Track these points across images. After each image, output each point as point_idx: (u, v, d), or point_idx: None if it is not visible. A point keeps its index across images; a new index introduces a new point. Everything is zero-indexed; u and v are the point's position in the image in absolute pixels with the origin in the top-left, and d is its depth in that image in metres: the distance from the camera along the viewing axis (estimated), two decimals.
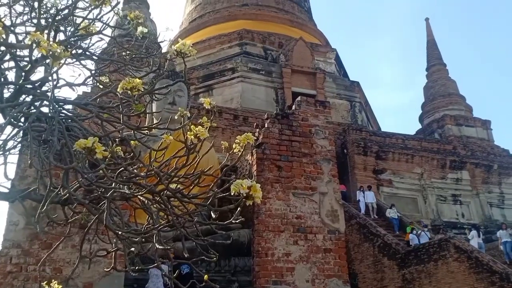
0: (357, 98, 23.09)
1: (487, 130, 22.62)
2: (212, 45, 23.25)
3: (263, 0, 25.15)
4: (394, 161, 19.10)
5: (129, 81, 2.41)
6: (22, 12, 3.76)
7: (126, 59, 4.56)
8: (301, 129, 8.71)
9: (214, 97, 20.39)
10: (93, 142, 1.81)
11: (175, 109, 6.46)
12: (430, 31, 25.85)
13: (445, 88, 24.21)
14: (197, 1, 26.12)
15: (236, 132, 16.61)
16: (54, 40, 3.10)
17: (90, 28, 3.05)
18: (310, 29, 25.95)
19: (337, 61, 25.17)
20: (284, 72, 21.81)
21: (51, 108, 2.29)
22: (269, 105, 20.62)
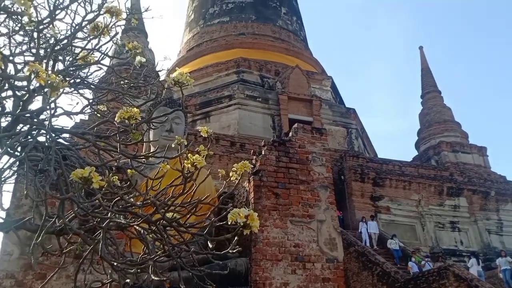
0: (353, 124, 23.23)
1: (483, 157, 22.69)
2: (210, 73, 23.50)
3: (260, 29, 25.57)
4: (391, 187, 19.07)
5: (126, 110, 2.42)
6: (21, 42, 3.81)
7: (124, 88, 4.60)
8: (298, 156, 8.72)
9: (212, 124, 20.47)
10: (89, 172, 1.81)
11: (173, 136, 6.46)
12: (424, 59, 26.25)
13: (440, 115, 24.42)
14: (195, 30, 26.54)
15: (233, 159, 16.60)
16: (53, 70, 3.13)
17: (88, 58, 3.09)
18: (306, 57, 26.31)
19: (333, 89, 25.43)
20: (280, 99, 21.99)
21: (48, 138, 2.29)
22: (266, 131, 20.70)
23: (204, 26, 26.43)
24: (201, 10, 27.05)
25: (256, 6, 26.17)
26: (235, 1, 26.54)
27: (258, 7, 26.16)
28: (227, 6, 26.55)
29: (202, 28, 26.30)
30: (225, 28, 25.75)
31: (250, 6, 26.37)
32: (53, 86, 1.84)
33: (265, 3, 26.64)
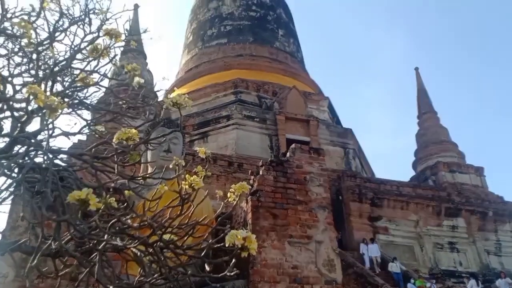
0: (351, 144, 23.27)
1: (481, 177, 22.69)
2: (208, 93, 23.62)
3: (257, 51, 25.82)
4: (389, 208, 18.99)
5: (125, 132, 2.43)
6: (20, 63, 3.83)
7: (122, 108, 4.61)
8: (296, 176, 8.71)
9: (209, 144, 20.47)
10: (86, 193, 1.80)
11: (170, 156, 6.47)
12: (420, 80, 26.50)
13: (437, 135, 24.51)
14: (193, 52, 26.79)
15: (231, 179, 16.54)
16: (51, 91, 3.14)
17: (87, 79, 3.11)
18: (303, 78, 26.52)
19: (330, 109, 25.57)
20: (278, 119, 22.07)
21: (45, 159, 2.29)
22: (263, 151, 20.70)
23: (203, 47, 26.68)
24: (199, 32, 27.33)
25: (254, 29, 26.47)
26: (233, 23, 26.84)
27: (256, 29, 26.47)
28: (225, 28, 26.84)
29: (201, 50, 26.55)
30: (223, 50, 25.99)
31: (248, 29, 26.67)
32: (51, 108, 1.85)
33: (262, 25, 26.97)
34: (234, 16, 26.72)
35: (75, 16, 4.10)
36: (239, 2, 27.16)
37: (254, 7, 27.25)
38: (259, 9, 27.29)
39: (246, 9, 26.86)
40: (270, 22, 26.77)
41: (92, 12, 3.88)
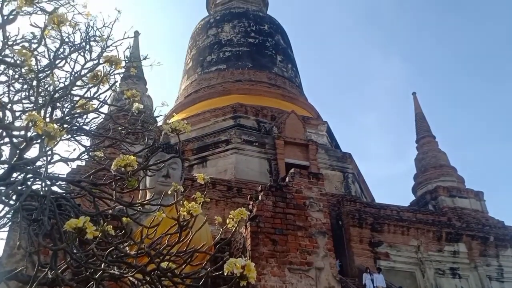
0: (350, 169, 23.22)
1: (481, 201, 22.59)
2: (207, 118, 23.70)
3: (256, 76, 26.06)
4: (389, 233, 18.82)
5: (123, 158, 2.42)
6: (20, 89, 3.85)
7: (122, 134, 4.62)
8: (295, 201, 8.66)
9: (208, 169, 20.41)
10: (84, 222, 1.78)
11: (169, 182, 6.45)
12: (418, 105, 26.67)
13: (436, 159, 24.50)
14: (192, 77, 27.02)
15: (230, 204, 16.44)
16: (51, 117, 3.15)
17: (87, 106, 3.12)
18: (302, 103, 26.68)
19: (328, 133, 25.63)
20: (277, 143, 22.08)
21: (43, 186, 2.28)
22: (263, 176, 20.63)
23: (202, 73, 26.94)
24: (199, 58, 27.63)
25: (252, 54, 26.78)
26: (232, 49, 27.16)
27: (254, 55, 26.77)
28: (224, 54, 27.14)
29: (200, 75, 26.80)
30: (222, 75, 26.24)
31: (247, 54, 26.98)
32: (50, 135, 1.85)
33: (261, 51, 27.28)
34: (233, 43, 27.05)
35: (76, 43, 4.15)
36: (237, 29, 27.54)
37: (252, 34, 27.61)
38: (257, 35, 27.65)
39: (244, 35, 27.21)
40: (269, 48, 27.10)
41: (93, 39, 3.92)
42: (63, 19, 2.51)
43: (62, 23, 2.46)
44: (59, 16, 2.47)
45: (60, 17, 2.47)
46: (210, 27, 27.35)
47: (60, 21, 2.47)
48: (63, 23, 2.46)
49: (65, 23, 2.52)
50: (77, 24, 4.22)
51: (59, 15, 2.45)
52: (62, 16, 2.50)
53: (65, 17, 2.53)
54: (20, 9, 2.49)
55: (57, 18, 2.44)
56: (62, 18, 2.50)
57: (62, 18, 2.50)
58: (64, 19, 2.52)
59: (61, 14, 2.46)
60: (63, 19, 2.51)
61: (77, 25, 4.20)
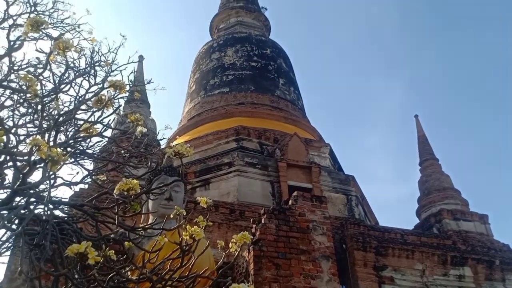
0: (353, 191, 23.09)
1: (485, 225, 22.35)
2: (210, 141, 23.75)
3: (258, 99, 26.23)
4: (394, 257, 18.58)
5: (126, 183, 2.42)
6: (25, 113, 3.89)
7: (125, 157, 4.63)
8: (299, 225, 8.60)
9: (211, 191, 20.34)
10: (85, 247, 1.78)
11: (172, 205, 6.43)
12: (420, 127, 26.69)
13: (439, 182, 24.37)
14: (196, 101, 27.22)
15: (233, 227, 16.31)
16: (55, 141, 3.17)
17: (90, 130, 3.14)
18: (304, 125, 26.76)
19: (331, 156, 25.60)
20: (280, 166, 22.04)
21: (46, 211, 2.28)
22: (265, 198, 20.53)
23: (205, 96, 27.16)
24: (202, 82, 27.91)
25: (255, 78, 27.03)
26: (235, 73, 27.45)
27: (257, 78, 27.02)
28: (227, 77, 27.41)
29: (203, 98, 27.01)
30: (225, 98, 26.43)
31: (249, 78, 27.25)
32: (53, 160, 1.86)
33: (263, 75, 27.55)
34: (236, 66, 27.34)
35: (80, 68, 4.20)
36: (240, 53, 27.87)
37: (255, 58, 27.91)
38: (260, 59, 27.96)
39: (247, 59, 27.51)
40: (271, 72, 27.35)
41: (97, 64, 3.98)
42: (68, 45, 2.55)
43: (68, 48, 2.50)
44: (65, 42, 2.51)
45: (65, 43, 2.51)
46: (213, 51, 27.70)
47: (65, 47, 2.51)
48: (68, 49, 2.50)
49: (71, 49, 2.56)
50: (83, 50, 4.30)
51: (64, 41, 2.49)
52: (68, 42, 2.54)
53: (70, 43, 2.57)
54: (26, 35, 2.53)
55: (63, 44, 2.48)
56: (68, 44, 2.54)
57: (68, 44, 2.54)
58: (69, 45, 2.56)
59: (66, 40, 2.50)
60: (68, 45, 2.55)
61: (82, 50, 4.27)
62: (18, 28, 4.14)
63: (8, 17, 4.42)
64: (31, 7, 4.75)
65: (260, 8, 31.16)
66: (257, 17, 30.56)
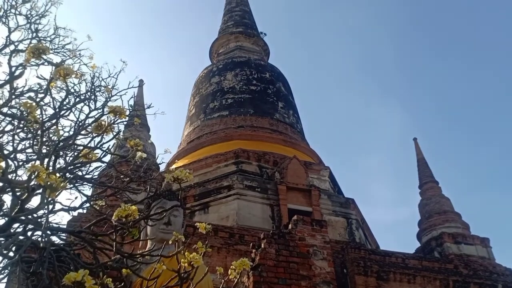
0: (353, 215, 22.94)
1: (487, 248, 22.14)
2: (209, 164, 23.72)
3: (258, 122, 26.33)
4: (395, 281, 18.34)
5: (124, 209, 2.41)
6: (24, 138, 3.90)
7: (124, 181, 4.62)
8: (299, 250, 8.52)
9: (210, 215, 20.21)
10: (82, 275, 1.75)
11: (170, 229, 6.37)
12: (419, 150, 26.71)
13: (439, 205, 24.26)
14: (195, 124, 27.33)
15: (232, 251, 16.14)
16: (54, 167, 3.17)
17: (90, 155, 3.14)
18: (303, 148, 26.77)
19: (331, 179, 25.53)
20: (279, 189, 21.96)
21: (43, 238, 2.26)
22: (265, 222, 20.38)
23: (205, 119, 27.28)
24: (202, 105, 28.09)
25: (254, 101, 27.21)
26: (234, 96, 27.67)
27: (256, 102, 27.19)
28: (227, 101, 27.61)
29: (203, 122, 27.12)
30: (224, 121, 26.53)
31: (249, 101, 27.43)
32: (52, 187, 1.85)
33: (262, 98, 27.74)
34: (235, 90, 27.56)
35: (81, 93, 4.23)
36: (240, 77, 28.15)
37: (254, 82, 28.18)
38: (259, 83, 28.21)
39: (247, 83, 27.76)
40: (270, 95, 27.54)
41: (98, 90, 4.01)
42: (69, 71, 2.58)
43: (68, 75, 2.53)
44: (65, 69, 2.53)
45: (66, 70, 2.53)
46: (213, 75, 27.96)
47: (66, 73, 2.53)
48: (69, 76, 2.53)
49: (71, 75, 2.58)
50: (83, 75, 4.34)
51: (65, 68, 2.51)
52: (69, 69, 2.57)
53: (71, 70, 2.59)
54: (28, 62, 2.56)
55: (63, 71, 2.50)
56: (68, 71, 2.57)
57: (68, 71, 2.57)
58: (70, 72, 2.58)
59: (67, 67, 2.52)
60: (69, 71, 2.58)
61: (83, 76, 4.31)
62: (19, 54, 4.19)
63: (9, 43, 4.47)
64: (33, 33, 4.81)
65: (259, 33, 31.58)
66: (256, 42, 30.96)
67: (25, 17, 4.79)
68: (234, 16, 32.32)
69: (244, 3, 33.53)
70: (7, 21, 4.52)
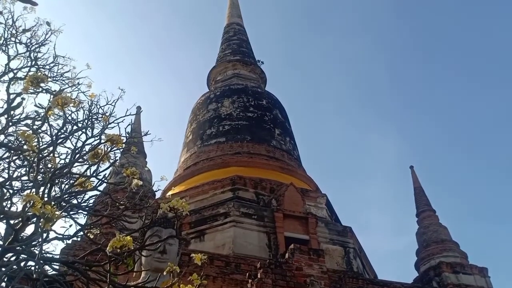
0: (351, 243, 22.71)
1: (485, 278, 21.89)
2: (205, 191, 23.59)
3: (255, 149, 26.34)
4: None
5: (119, 239, 2.38)
6: (20, 165, 3.88)
7: (120, 209, 4.58)
8: (296, 280, 8.40)
9: (206, 243, 19.97)
10: None
11: (166, 258, 6.31)
12: (416, 178, 26.71)
13: (437, 234, 24.12)
14: (192, 150, 27.32)
15: (228, 281, 15.87)
16: (49, 195, 3.14)
17: (86, 184, 3.13)
18: (300, 175, 26.72)
19: (328, 206, 25.39)
20: (276, 216, 21.78)
21: (37, 268, 2.22)
22: (261, 250, 20.13)
23: (202, 146, 27.28)
24: (199, 132, 28.16)
25: (251, 128, 27.30)
26: (231, 123, 27.78)
27: (253, 128, 27.29)
28: (224, 127, 27.70)
29: (200, 148, 27.12)
30: (221, 148, 26.53)
31: (246, 128, 27.53)
32: (47, 218, 1.84)
33: (259, 125, 27.85)
34: (232, 117, 27.69)
35: (78, 121, 4.23)
36: (237, 104, 28.35)
37: (251, 108, 28.36)
38: (256, 110, 28.39)
39: (243, 110, 27.92)
40: (267, 122, 27.67)
41: (95, 118, 4.02)
42: (67, 100, 2.59)
43: (66, 104, 2.54)
44: (63, 98, 2.55)
45: (64, 99, 2.55)
46: (210, 102, 28.13)
47: (64, 102, 2.55)
48: (67, 105, 2.54)
49: (69, 104, 2.60)
50: (81, 102, 4.35)
51: (63, 97, 2.52)
52: (66, 98, 2.58)
53: (69, 99, 2.61)
54: (26, 91, 2.57)
55: (61, 100, 2.52)
56: (66, 100, 2.58)
57: (66, 100, 2.58)
58: (68, 101, 2.60)
59: (65, 96, 2.54)
60: (67, 100, 2.59)
61: (80, 103, 4.32)
62: (18, 82, 4.21)
63: (8, 70, 4.50)
64: (32, 61, 4.85)
65: (256, 62, 31.96)
66: (253, 70, 31.32)
67: (25, 45, 4.84)
68: (231, 45, 32.79)
69: (241, 33, 34.06)
70: (7, 49, 4.56)
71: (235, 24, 34.75)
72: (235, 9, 35.74)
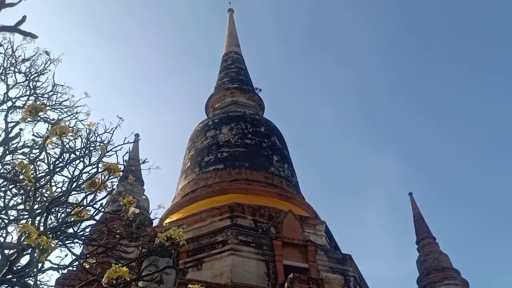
0: (351, 271, 22.39)
1: None
2: (203, 218, 23.38)
3: (253, 176, 26.27)
4: None
5: (115, 270, 2.35)
6: (16, 193, 3.85)
7: (116, 237, 4.53)
8: None
9: (204, 272, 19.66)
10: None
11: None
12: (415, 205, 26.62)
13: (438, 262, 23.89)
14: (190, 177, 27.23)
15: None
16: (45, 224, 3.11)
17: (82, 213, 3.10)
18: (299, 202, 26.58)
19: (327, 233, 25.15)
20: (275, 244, 21.52)
21: None
22: (260, 279, 19.81)
23: (200, 173, 27.20)
24: (197, 159, 28.12)
25: (249, 155, 27.31)
26: (229, 150, 27.81)
27: (251, 155, 27.29)
28: (222, 154, 27.70)
29: (198, 175, 27.03)
30: (219, 175, 26.45)
31: (244, 155, 27.54)
32: (42, 249, 1.81)
33: (257, 152, 27.87)
34: (230, 144, 27.73)
35: (76, 149, 4.23)
36: (235, 131, 28.45)
37: (249, 135, 28.45)
38: (254, 137, 28.48)
39: (242, 137, 28.00)
40: (265, 149, 27.69)
41: (93, 146, 4.02)
42: (65, 130, 2.59)
43: (64, 134, 2.54)
44: (61, 127, 2.55)
45: (62, 129, 2.55)
46: (208, 129, 28.22)
47: (62, 132, 2.55)
48: (64, 134, 2.54)
49: (67, 134, 2.60)
50: (79, 131, 4.36)
51: (61, 126, 2.53)
52: (64, 127, 2.59)
53: (67, 128, 2.61)
54: (24, 120, 2.58)
55: (59, 129, 2.52)
56: (64, 129, 2.59)
57: (64, 129, 2.59)
58: (66, 130, 2.60)
59: (63, 126, 2.55)
60: (65, 130, 2.59)
61: (78, 132, 4.33)
62: (16, 111, 4.22)
63: (7, 99, 4.52)
64: (31, 90, 4.88)
65: (254, 89, 32.31)
66: (251, 97, 31.60)
67: (24, 74, 4.88)
68: (230, 73, 33.17)
69: (239, 61, 34.53)
70: (6, 78, 4.59)
71: (233, 53, 35.25)
72: (233, 38, 36.32)
